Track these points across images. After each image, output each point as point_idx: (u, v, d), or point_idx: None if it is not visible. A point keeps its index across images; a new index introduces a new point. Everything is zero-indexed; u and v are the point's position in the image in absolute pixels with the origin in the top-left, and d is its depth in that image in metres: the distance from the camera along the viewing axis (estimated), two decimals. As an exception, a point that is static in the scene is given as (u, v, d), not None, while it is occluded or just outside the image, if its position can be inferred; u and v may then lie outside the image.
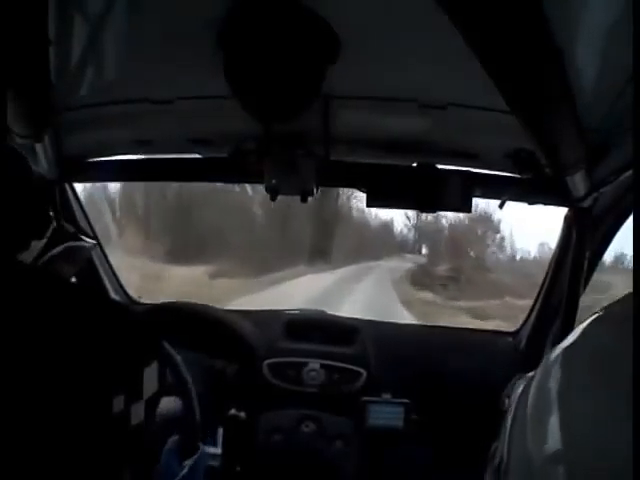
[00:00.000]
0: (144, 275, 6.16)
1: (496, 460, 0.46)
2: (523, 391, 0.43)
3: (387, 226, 13.18)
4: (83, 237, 1.47)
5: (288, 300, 6.86)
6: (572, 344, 0.40)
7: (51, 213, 1.35)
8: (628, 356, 0.33)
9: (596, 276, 1.63)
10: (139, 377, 0.76)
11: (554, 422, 0.36)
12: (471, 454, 1.51)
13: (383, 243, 13.20)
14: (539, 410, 0.39)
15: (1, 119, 0.92)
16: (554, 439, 0.35)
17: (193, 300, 1.82)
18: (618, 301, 0.40)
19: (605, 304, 0.42)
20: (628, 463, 0.30)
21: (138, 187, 7.75)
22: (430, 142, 1.38)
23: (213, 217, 9.13)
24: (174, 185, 7.79)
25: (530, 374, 0.43)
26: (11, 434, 0.63)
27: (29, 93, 0.98)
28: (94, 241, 1.80)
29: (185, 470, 0.94)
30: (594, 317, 0.41)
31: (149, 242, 8.23)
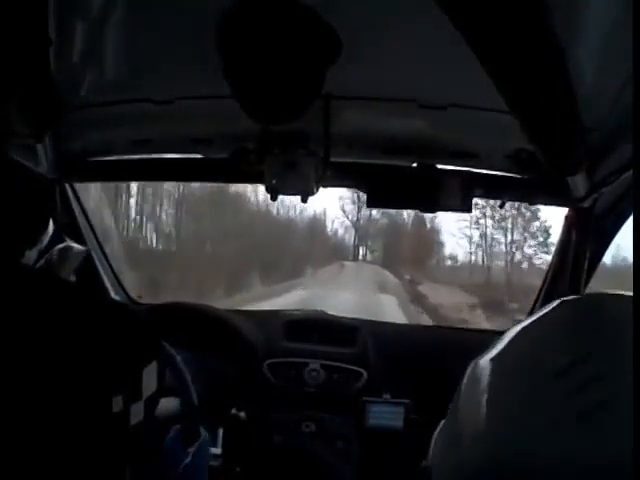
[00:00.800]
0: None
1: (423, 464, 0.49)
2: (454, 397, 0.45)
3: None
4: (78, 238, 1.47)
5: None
6: (496, 356, 0.42)
7: (50, 213, 1.35)
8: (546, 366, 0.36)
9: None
10: (139, 377, 0.76)
11: (481, 408, 0.39)
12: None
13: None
14: (470, 395, 0.41)
15: (1, 119, 0.92)
16: (480, 419, 0.38)
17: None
18: (542, 311, 0.42)
19: None
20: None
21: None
22: (430, 142, 1.38)
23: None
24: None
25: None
26: (11, 434, 0.63)
27: (29, 93, 0.98)
28: (94, 240, 1.80)
29: (189, 457, 0.96)
30: (518, 328, 0.42)
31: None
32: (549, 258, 1.76)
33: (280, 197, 1.43)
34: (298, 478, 1.64)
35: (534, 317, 0.42)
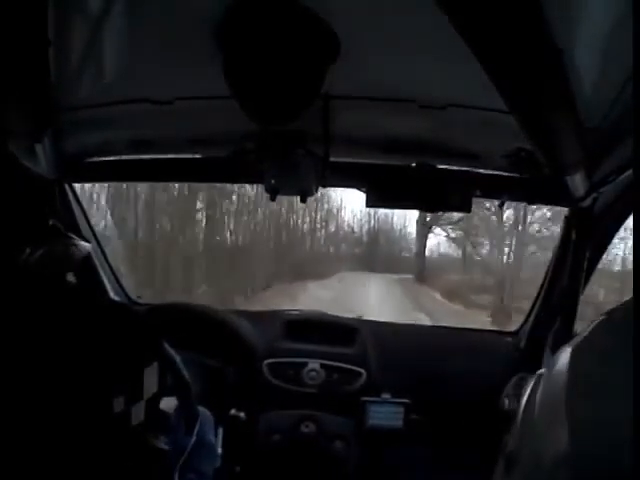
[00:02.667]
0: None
1: (507, 450, 0.47)
2: (532, 389, 0.44)
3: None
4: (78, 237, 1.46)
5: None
6: (577, 346, 0.41)
7: (48, 213, 1.34)
8: (629, 361, 0.34)
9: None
10: (139, 377, 0.76)
11: (561, 423, 0.37)
12: (471, 454, 1.51)
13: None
14: (547, 410, 0.40)
15: (1, 119, 0.92)
16: (561, 441, 0.36)
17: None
18: (621, 305, 0.41)
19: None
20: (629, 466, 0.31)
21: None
22: (430, 142, 1.38)
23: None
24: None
25: (539, 371, 0.44)
26: (13, 434, 0.63)
27: (29, 93, 0.97)
28: (94, 240, 1.80)
29: (194, 437, 0.97)
30: (598, 320, 0.42)
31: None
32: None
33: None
34: (298, 478, 1.64)
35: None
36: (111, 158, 1.62)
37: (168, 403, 1.02)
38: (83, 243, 1.25)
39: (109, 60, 1.12)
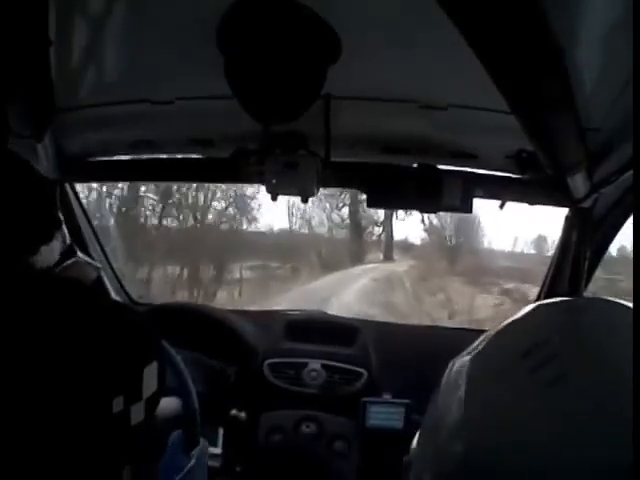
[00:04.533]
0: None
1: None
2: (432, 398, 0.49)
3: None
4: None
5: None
6: (474, 354, 0.45)
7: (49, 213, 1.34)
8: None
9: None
10: (139, 377, 0.76)
11: (459, 403, 0.41)
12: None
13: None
14: (446, 401, 0.44)
15: (2, 119, 0.92)
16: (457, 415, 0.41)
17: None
18: (517, 316, 0.45)
19: None
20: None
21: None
22: (430, 142, 1.38)
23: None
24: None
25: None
26: (11, 434, 0.63)
27: (29, 93, 0.98)
28: (94, 240, 1.80)
29: (192, 461, 0.97)
30: (493, 332, 0.45)
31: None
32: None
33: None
34: (298, 478, 1.64)
35: (510, 319, 0.46)
36: (112, 158, 1.62)
37: (168, 404, 1.02)
38: (94, 264, 1.25)
39: (110, 60, 1.12)
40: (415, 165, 1.42)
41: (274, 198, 1.42)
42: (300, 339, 1.77)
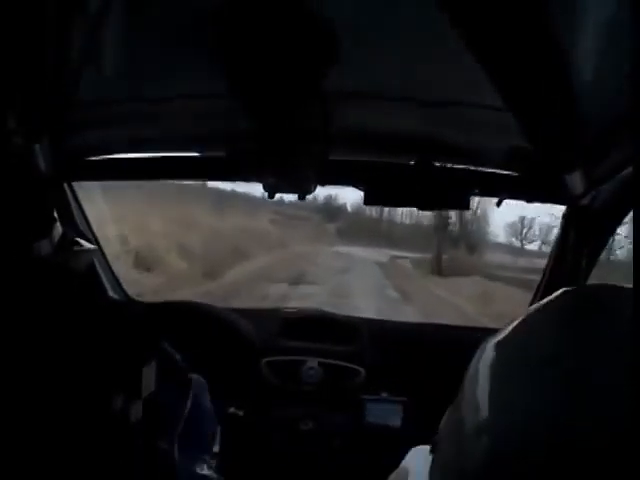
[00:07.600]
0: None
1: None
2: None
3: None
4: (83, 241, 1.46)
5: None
6: (503, 339, 0.44)
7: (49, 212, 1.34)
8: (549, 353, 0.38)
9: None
10: (138, 376, 0.76)
11: (484, 396, 0.40)
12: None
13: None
14: (472, 391, 0.43)
15: (1, 119, 0.92)
16: (483, 408, 0.40)
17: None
18: (549, 300, 0.44)
19: None
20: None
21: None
22: (429, 140, 1.38)
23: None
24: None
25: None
26: (11, 433, 0.63)
27: (29, 93, 0.97)
28: (93, 239, 1.80)
29: (189, 401, 0.96)
30: (523, 317, 0.44)
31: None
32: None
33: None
34: (297, 476, 1.65)
35: (537, 305, 0.44)
36: (111, 157, 1.62)
37: (167, 402, 1.02)
38: (89, 247, 1.25)
39: (109, 59, 1.12)
40: (414, 163, 1.42)
41: (272, 196, 1.42)
42: (298, 337, 1.77)
